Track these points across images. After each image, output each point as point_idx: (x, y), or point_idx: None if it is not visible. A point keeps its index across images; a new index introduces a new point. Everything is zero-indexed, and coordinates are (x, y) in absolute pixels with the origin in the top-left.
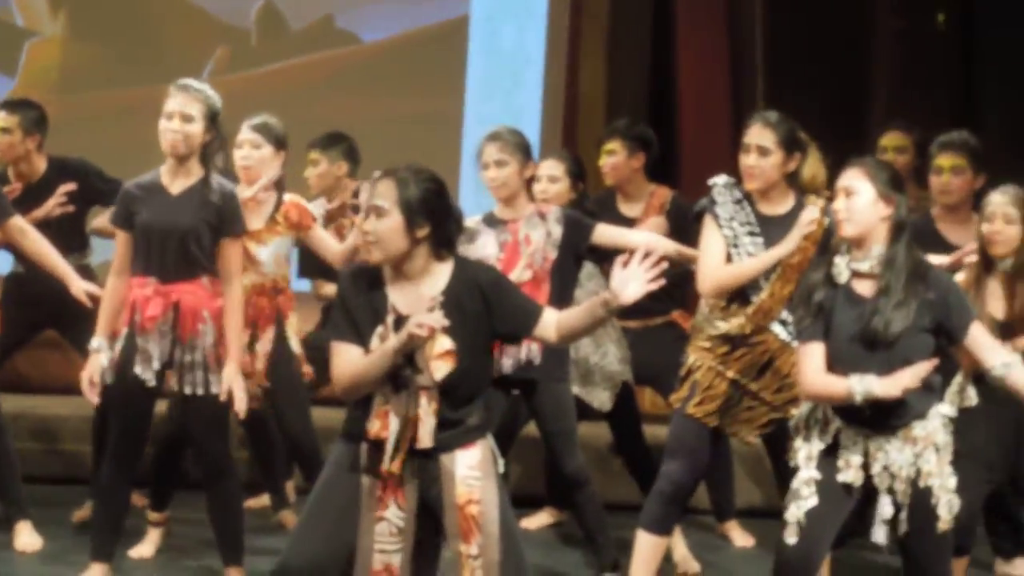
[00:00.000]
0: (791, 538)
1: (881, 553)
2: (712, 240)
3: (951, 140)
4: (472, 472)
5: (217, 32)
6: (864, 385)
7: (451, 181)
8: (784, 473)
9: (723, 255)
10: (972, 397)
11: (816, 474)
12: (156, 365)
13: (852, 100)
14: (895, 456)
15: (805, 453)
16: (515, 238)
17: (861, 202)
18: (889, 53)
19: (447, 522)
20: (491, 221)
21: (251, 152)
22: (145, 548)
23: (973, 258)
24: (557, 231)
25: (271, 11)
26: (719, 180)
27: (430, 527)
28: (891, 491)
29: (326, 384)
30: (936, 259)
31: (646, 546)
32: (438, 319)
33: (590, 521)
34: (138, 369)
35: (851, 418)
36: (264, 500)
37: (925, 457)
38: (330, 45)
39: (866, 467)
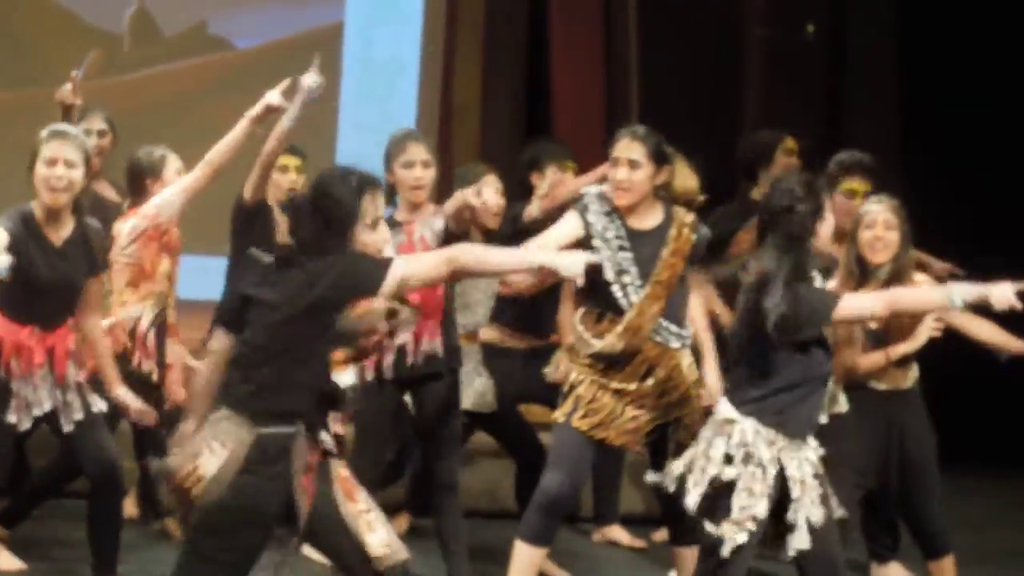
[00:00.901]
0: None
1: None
2: (565, 224)
3: (865, 164)
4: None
5: (89, 37)
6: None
7: None
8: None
9: (562, 242)
10: (842, 404)
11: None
12: (39, 411)
13: (724, 107)
14: (806, 462)
15: (766, 482)
16: (410, 239)
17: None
18: (760, 62)
19: (336, 492)
20: (389, 223)
21: None
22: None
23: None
24: (438, 224)
25: (144, 16)
26: (591, 190)
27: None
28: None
29: None
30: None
31: (524, 557)
32: None
33: (449, 529)
34: (12, 417)
35: (805, 435)
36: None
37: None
38: (204, 51)
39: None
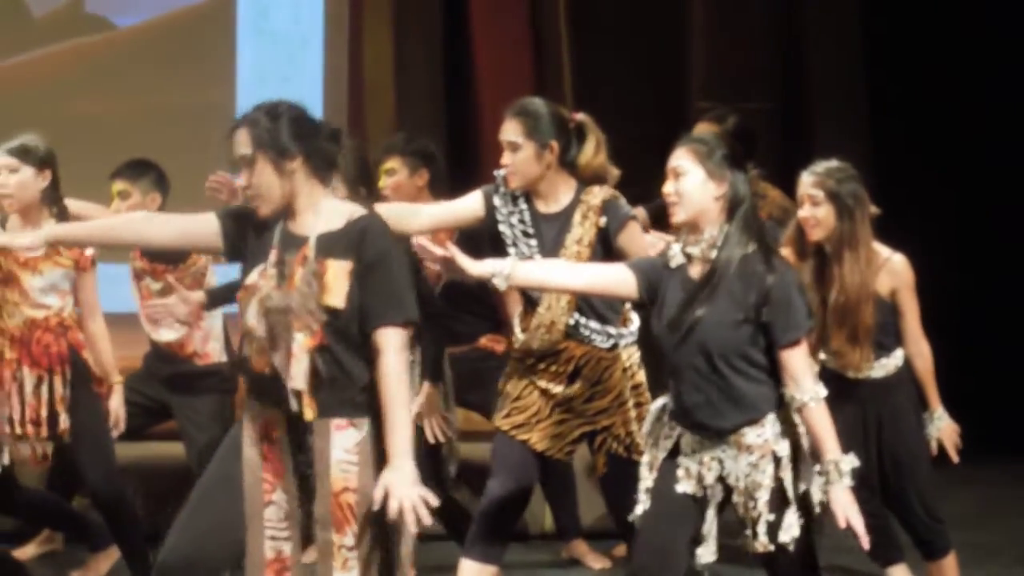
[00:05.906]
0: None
1: None
2: (466, 200)
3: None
4: (348, 456)
5: None
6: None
7: None
8: (614, 490)
9: (456, 214)
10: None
11: (650, 483)
12: None
13: (668, 73)
14: (730, 465)
15: (648, 459)
16: None
17: (690, 184)
18: (704, 19)
19: (318, 509)
20: None
21: (8, 178)
22: None
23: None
24: None
25: None
26: (502, 172)
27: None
28: (727, 503)
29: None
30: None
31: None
32: None
33: None
34: None
35: (685, 423)
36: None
37: (761, 468)
38: (80, 32)
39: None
